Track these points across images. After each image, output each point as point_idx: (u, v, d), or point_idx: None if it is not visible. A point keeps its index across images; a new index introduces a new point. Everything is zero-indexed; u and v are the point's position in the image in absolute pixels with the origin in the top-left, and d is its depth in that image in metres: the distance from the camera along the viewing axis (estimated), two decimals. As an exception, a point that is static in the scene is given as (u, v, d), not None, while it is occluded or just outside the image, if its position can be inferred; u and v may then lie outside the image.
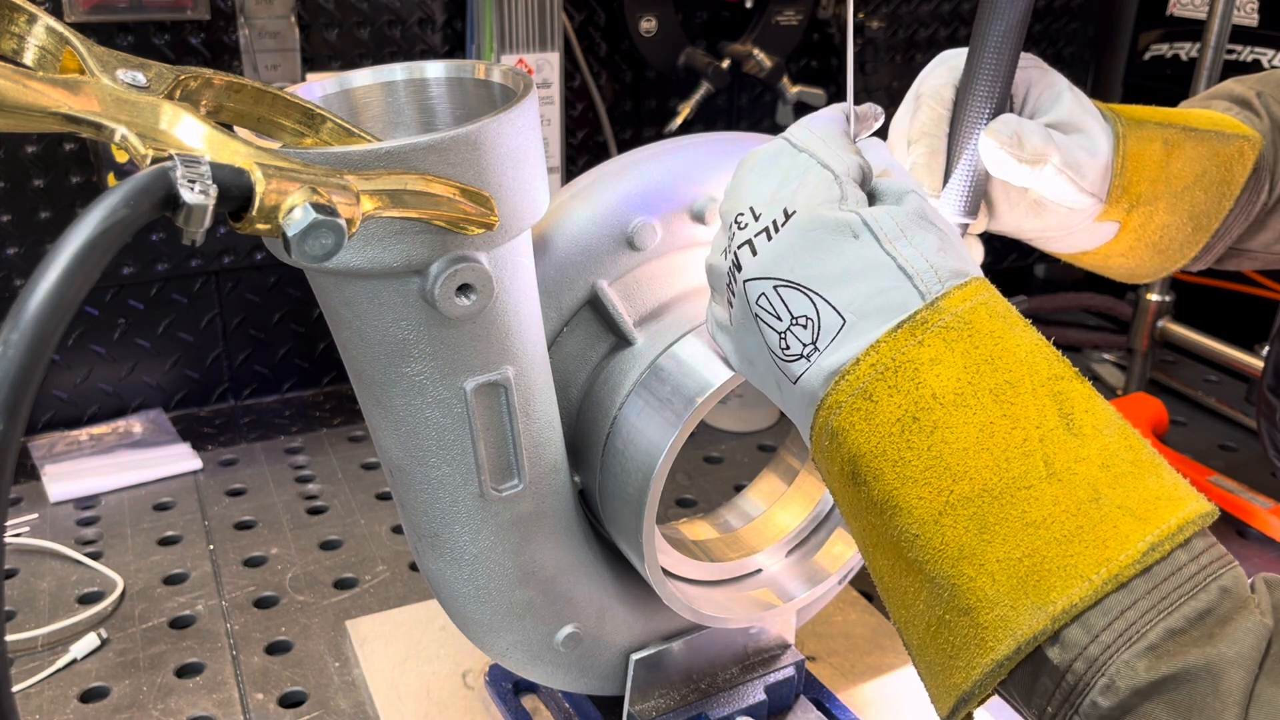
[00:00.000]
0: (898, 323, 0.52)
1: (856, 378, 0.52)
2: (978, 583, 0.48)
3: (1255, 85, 0.82)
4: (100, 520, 1.16)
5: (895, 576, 0.53)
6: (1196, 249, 0.81)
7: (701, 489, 1.24)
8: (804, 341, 0.54)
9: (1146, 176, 0.75)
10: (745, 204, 0.58)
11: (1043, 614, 0.46)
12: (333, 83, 0.63)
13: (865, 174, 0.58)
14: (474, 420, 0.63)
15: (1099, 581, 0.46)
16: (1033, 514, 0.48)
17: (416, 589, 1.04)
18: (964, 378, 0.50)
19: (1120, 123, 0.74)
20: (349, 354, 0.63)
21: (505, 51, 1.30)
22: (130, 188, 0.37)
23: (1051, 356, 0.52)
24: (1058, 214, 0.74)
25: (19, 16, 0.44)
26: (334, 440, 1.34)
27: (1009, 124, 0.68)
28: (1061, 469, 0.48)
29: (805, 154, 0.58)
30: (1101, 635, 0.45)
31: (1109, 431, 0.50)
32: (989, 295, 0.53)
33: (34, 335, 0.35)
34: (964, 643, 0.49)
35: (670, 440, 0.67)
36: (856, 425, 0.52)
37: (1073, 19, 1.66)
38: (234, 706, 0.89)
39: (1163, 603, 0.45)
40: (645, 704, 0.81)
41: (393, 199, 0.48)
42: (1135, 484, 0.48)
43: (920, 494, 0.50)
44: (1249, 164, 0.77)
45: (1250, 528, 1.15)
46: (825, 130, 0.60)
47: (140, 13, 1.19)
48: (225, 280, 1.37)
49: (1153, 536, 0.46)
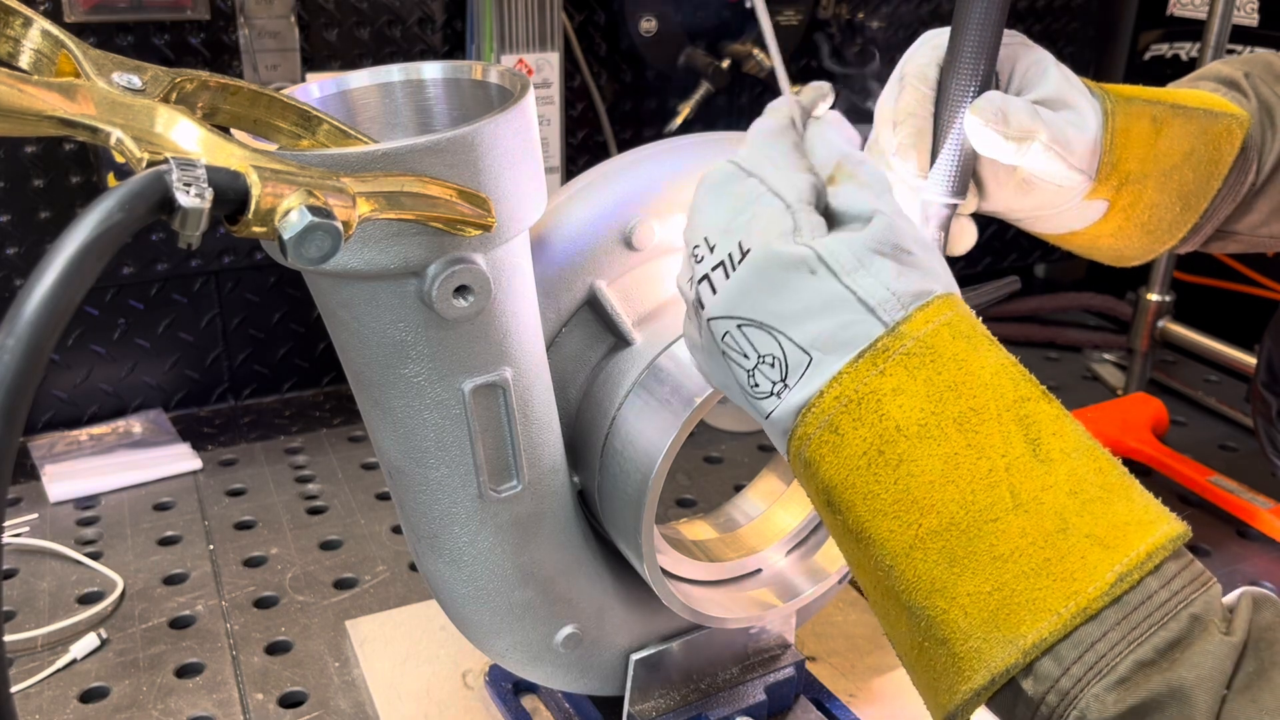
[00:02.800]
0: (859, 352, 0.51)
1: (822, 410, 0.52)
2: (950, 615, 0.48)
3: (1242, 66, 0.82)
4: (100, 520, 1.16)
5: (879, 599, 0.53)
6: (1185, 229, 0.80)
7: (701, 489, 1.24)
8: (773, 379, 0.54)
9: (1136, 154, 0.74)
10: (700, 234, 0.57)
11: (1014, 647, 0.46)
12: (329, 84, 0.63)
13: (818, 192, 0.57)
14: (472, 421, 0.63)
15: (1067, 615, 0.46)
16: (1000, 547, 0.47)
17: (416, 589, 1.04)
18: (927, 407, 0.50)
19: (1109, 99, 0.73)
20: (347, 355, 0.63)
21: (505, 51, 1.30)
22: (126, 191, 0.37)
23: (1018, 376, 0.51)
24: (1047, 192, 0.73)
25: (14, 20, 0.44)
26: (334, 440, 1.34)
27: (994, 101, 0.67)
28: (1028, 499, 0.48)
29: (754, 178, 0.57)
30: (1072, 668, 0.46)
31: (1077, 455, 0.49)
32: (953, 314, 0.52)
33: (30, 339, 0.35)
34: (944, 669, 0.49)
35: (669, 440, 0.67)
36: (825, 458, 0.52)
37: (1073, 19, 1.66)
38: (234, 706, 0.89)
39: (1133, 633, 0.45)
40: (645, 704, 0.81)
41: (390, 201, 0.48)
42: (1104, 510, 0.48)
43: (890, 527, 0.50)
44: (1237, 143, 0.77)
45: (1250, 528, 1.15)
46: (771, 147, 0.58)
47: (140, 13, 1.19)
48: (225, 280, 1.37)
49: (1121, 566, 0.46)
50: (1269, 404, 1.10)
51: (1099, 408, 1.32)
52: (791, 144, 0.59)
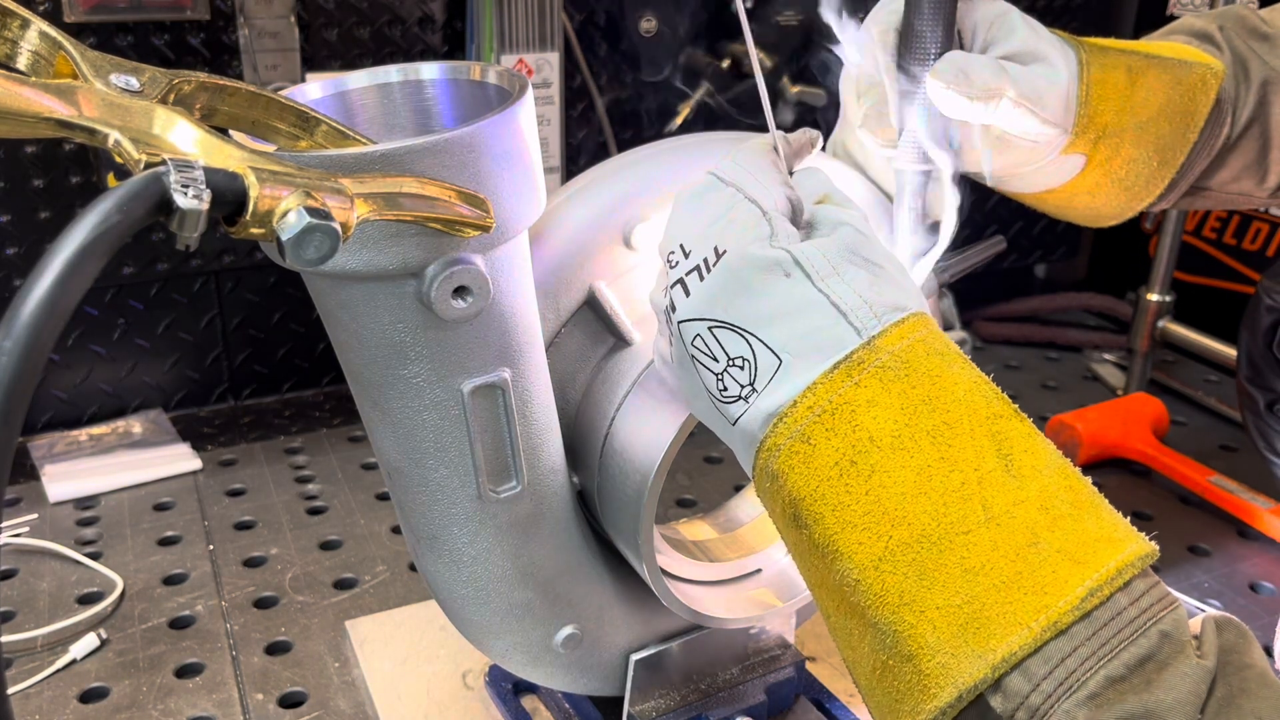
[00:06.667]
0: (834, 363, 0.51)
1: (794, 420, 0.51)
2: (918, 629, 0.47)
3: (1215, 20, 0.81)
4: (100, 520, 1.16)
5: (840, 619, 0.52)
6: (1162, 185, 0.79)
7: (701, 489, 1.24)
8: (741, 383, 0.53)
9: (1111, 105, 0.73)
10: (676, 241, 0.57)
11: (983, 662, 0.46)
12: (328, 85, 0.63)
13: (795, 206, 0.57)
14: (471, 422, 0.63)
15: (1038, 629, 0.45)
16: (971, 560, 0.47)
17: (416, 589, 1.04)
18: (901, 419, 0.49)
19: (1083, 50, 0.72)
20: (345, 356, 0.63)
21: (505, 51, 1.29)
22: (124, 193, 0.37)
23: (990, 394, 0.51)
24: (1023, 148, 0.72)
25: (12, 22, 0.44)
26: (334, 440, 1.34)
27: (955, 61, 0.66)
28: (1000, 513, 0.48)
29: (731, 188, 0.57)
30: (1042, 684, 0.45)
31: (1048, 472, 0.49)
32: (927, 331, 0.52)
33: (28, 341, 0.35)
34: (908, 688, 0.48)
35: (669, 440, 0.67)
36: (796, 468, 0.51)
37: (1073, 19, 1.66)
38: (234, 707, 0.89)
39: (1103, 649, 0.45)
40: (645, 704, 0.81)
41: (388, 202, 0.48)
42: (1074, 526, 0.48)
43: (860, 539, 0.49)
44: (1212, 93, 0.76)
45: (1250, 528, 1.15)
46: (752, 163, 0.58)
47: (140, 13, 1.19)
48: (225, 280, 1.37)
49: (1091, 581, 0.46)
50: (1255, 398, 1.10)
51: (1099, 408, 1.32)
52: (772, 163, 0.59)
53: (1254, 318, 1.10)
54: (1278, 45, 0.79)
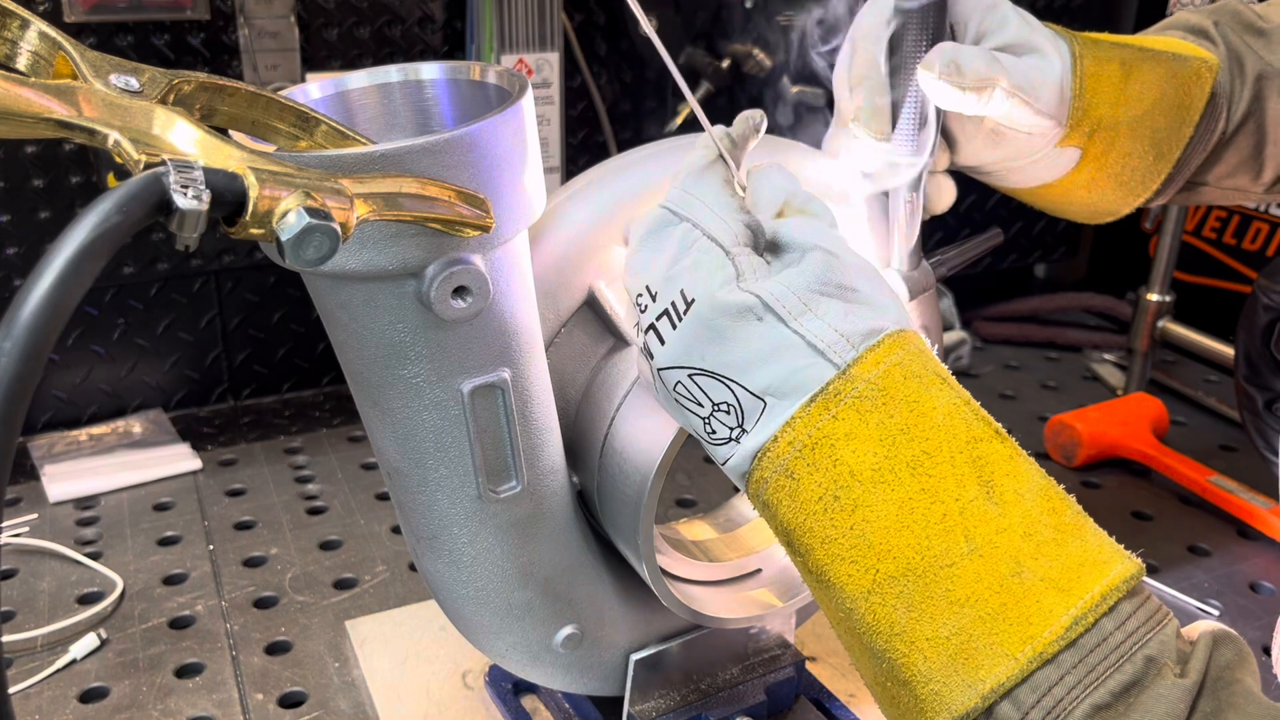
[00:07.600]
0: (810, 396, 0.51)
1: (776, 455, 0.52)
2: (911, 659, 0.48)
3: (1211, 15, 0.81)
4: (100, 520, 1.16)
5: (844, 636, 0.54)
6: (1158, 180, 0.79)
7: (701, 489, 1.24)
8: (730, 426, 0.54)
9: (1106, 98, 0.73)
10: (641, 283, 0.57)
11: (973, 692, 0.47)
12: (328, 85, 0.63)
13: (755, 231, 0.56)
14: (471, 422, 0.63)
15: (1024, 660, 0.46)
16: (957, 592, 0.48)
17: (416, 589, 1.04)
18: (880, 451, 0.50)
19: (1076, 42, 0.72)
20: (345, 356, 0.63)
21: (505, 51, 1.29)
22: (123, 194, 0.37)
23: (970, 417, 0.51)
24: (1017, 141, 0.72)
25: (11, 22, 0.44)
26: (334, 440, 1.34)
27: (946, 53, 0.66)
28: (983, 543, 0.48)
29: (686, 222, 0.56)
30: (1031, 713, 0.46)
31: (1030, 496, 0.49)
32: (903, 353, 0.52)
33: (28, 341, 0.35)
34: (908, 709, 0.50)
35: (669, 440, 0.67)
36: (782, 502, 0.52)
37: (1073, 19, 1.66)
38: (234, 707, 0.89)
39: (1089, 676, 0.46)
40: (645, 704, 0.81)
41: (388, 202, 0.48)
42: (1058, 551, 0.48)
43: (849, 571, 0.50)
44: (1206, 87, 0.76)
45: (1250, 528, 1.15)
46: (703, 187, 0.57)
47: (140, 13, 1.19)
48: (225, 280, 1.37)
49: (1075, 610, 0.46)
50: (1253, 397, 1.10)
51: (1099, 408, 1.31)
52: (721, 180, 0.58)
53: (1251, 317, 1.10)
54: (1273, 40, 0.79)
